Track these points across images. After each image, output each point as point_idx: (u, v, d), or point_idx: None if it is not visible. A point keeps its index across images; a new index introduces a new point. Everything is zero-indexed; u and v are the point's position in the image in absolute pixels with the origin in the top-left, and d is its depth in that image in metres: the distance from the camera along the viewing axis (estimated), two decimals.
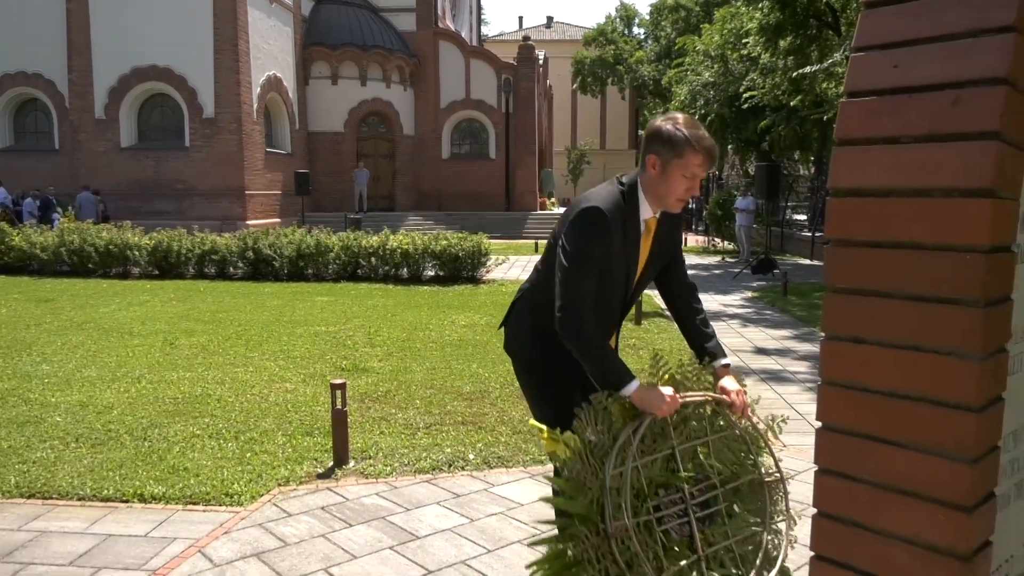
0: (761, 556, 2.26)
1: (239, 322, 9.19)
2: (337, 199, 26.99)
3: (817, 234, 18.72)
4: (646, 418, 2.18)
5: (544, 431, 2.28)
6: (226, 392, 5.97)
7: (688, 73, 20.83)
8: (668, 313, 2.65)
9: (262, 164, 23.93)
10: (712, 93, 19.57)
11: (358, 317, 9.62)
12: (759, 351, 7.98)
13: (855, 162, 1.26)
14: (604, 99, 45.23)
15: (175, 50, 22.27)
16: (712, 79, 19.49)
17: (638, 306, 9.49)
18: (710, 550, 2.20)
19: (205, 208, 22.31)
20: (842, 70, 12.43)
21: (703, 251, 21.55)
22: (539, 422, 2.67)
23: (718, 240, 22.11)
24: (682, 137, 2.26)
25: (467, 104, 29.39)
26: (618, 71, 39.34)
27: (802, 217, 22.09)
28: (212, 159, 22.53)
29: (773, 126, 17.65)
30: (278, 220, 23.58)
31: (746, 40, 16.75)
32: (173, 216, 21.44)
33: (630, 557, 2.08)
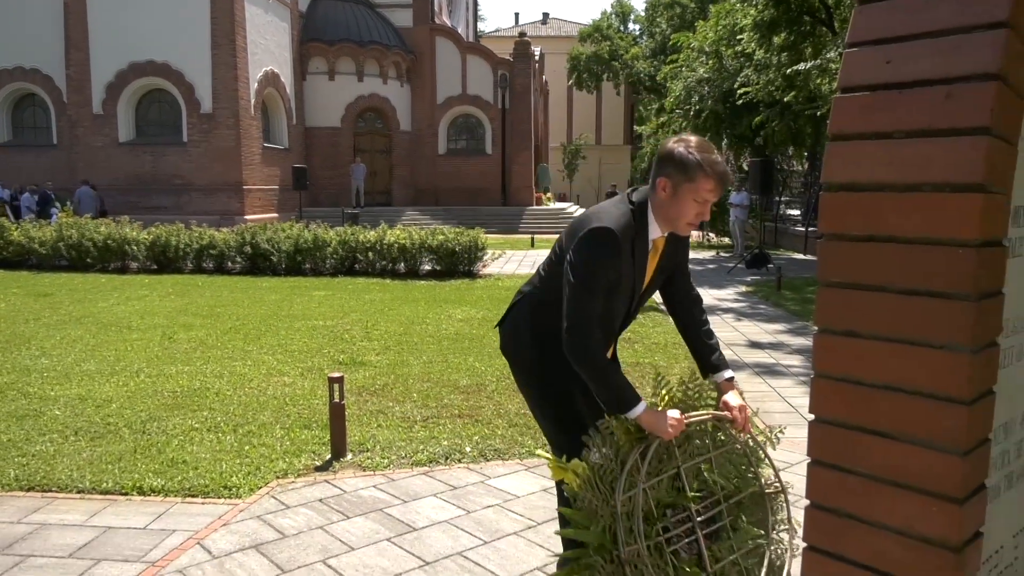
0: (765, 567, 2.27)
1: (237, 316, 9.18)
2: (334, 194, 26.95)
3: (811, 229, 18.75)
4: (653, 441, 2.16)
5: (552, 459, 2.24)
6: (224, 386, 5.96)
7: (683, 69, 20.81)
8: (664, 308, 2.62)
9: (259, 159, 23.87)
10: (707, 89, 19.56)
11: (355, 311, 9.61)
12: (753, 345, 7.99)
13: (848, 157, 1.26)
14: (600, 95, 45.14)
15: (172, 45, 22.20)
16: (707, 75, 19.47)
17: None
18: (717, 566, 2.20)
19: (203, 203, 22.26)
20: (836, 66, 12.43)
21: (698, 245, 21.56)
22: (540, 422, 2.66)
23: (712, 235, 22.13)
24: (694, 161, 2.21)
25: (463, 100, 29.34)
26: (613, 67, 39.25)
27: (796, 212, 22.12)
28: (210, 154, 22.47)
29: (767, 122, 17.65)
30: (276, 215, 23.54)
31: (740, 36, 16.73)
32: (171, 211, 21.40)
33: None
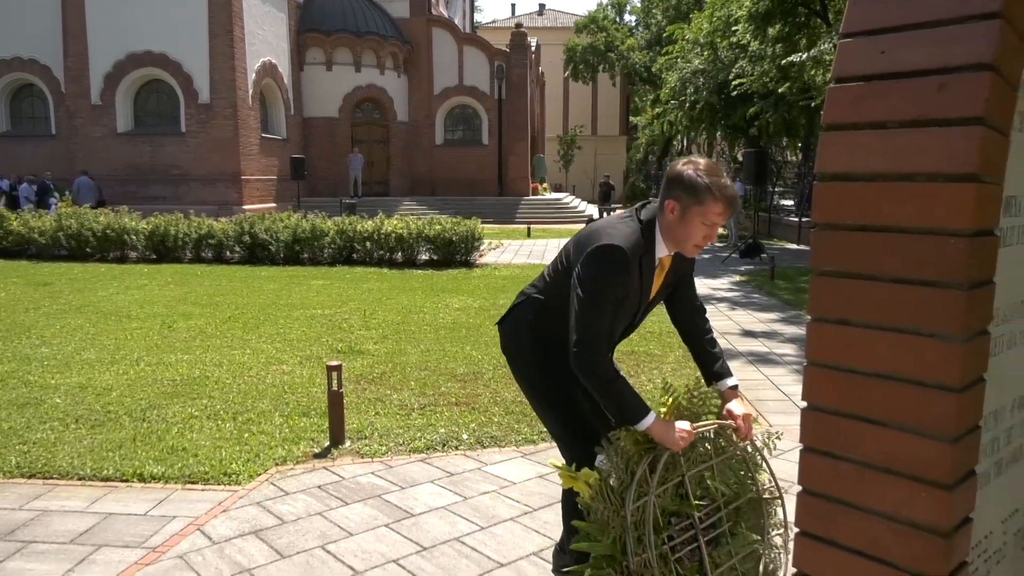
0: (761, 571, 2.28)
1: (236, 305, 9.16)
2: (332, 184, 26.86)
3: (804, 219, 18.76)
4: (663, 453, 2.15)
5: (562, 468, 2.23)
6: (224, 374, 5.96)
7: (678, 60, 20.75)
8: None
9: (257, 149, 23.77)
10: (701, 80, 19.52)
11: (353, 300, 9.60)
12: (747, 334, 8.01)
13: (842, 147, 1.26)
14: (595, 86, 44.98)
15: (170, 36, 22.03)
16: (702, 66, 19.42)
17: None
18: (716, 572, 2.21)
19: (201, 193, 22.17)
20: (830, 58, 12.40)
21: None
22: (543, 422, 2.66)
23: None
24: (703, 185, 2.19)
25: (460, 90, 29.22)
26: (609, 58, 39.12)
27: (789, 203, 22.12)
28: (208, 144, 22.36)
29: (761, 113, 17.63)
30: (274, 205, 23.48)
31: (735, 28, 16.68)
32: (169, 201, 21.32)
33: None
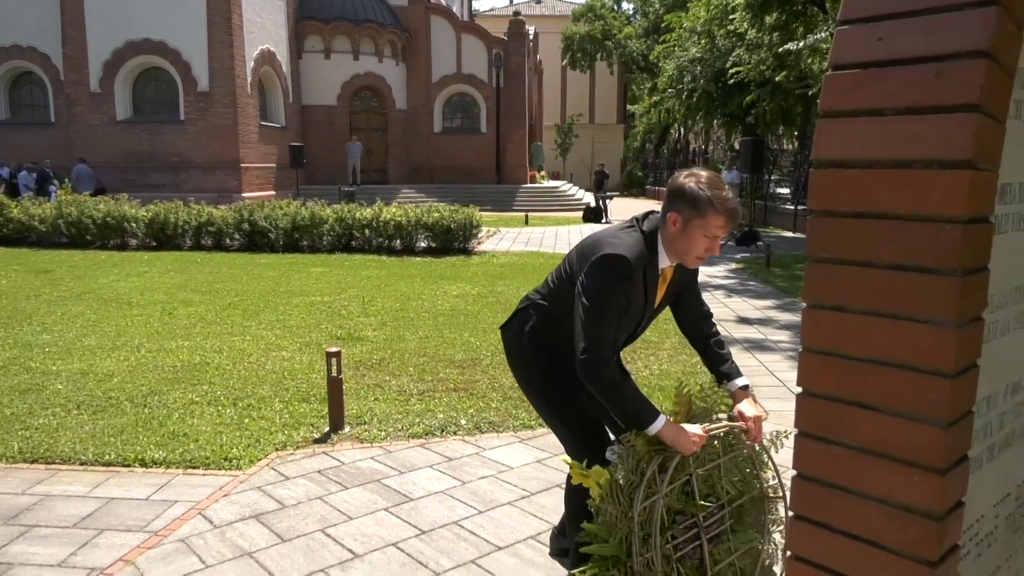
0: (759, 568, 2.29)
1: (236, 292, 9.15)
2: (331, 172, 26.78)
3: (800, 207, 18.75)
4: (674, 455, 2.15)
5: (575, 465, 2.23)
6: (224, 360, 5.96)
7: (675, 49, 20.66)
8: None
9: (256, 137, 23.67)
10: (699, 69, 19.45)
11: (352, 287, 9.60)
12: (742, 320, 8.02)
13: (838, 134, 1.25)
14: (593, 74, 44.79)
15: (169, 24, 21.89)
16: (699, 55, 19.35)
17: None
18: (716, 568, 2.21)
19: (201, 180, 22.10)
20: (827, 47, 12.36)
21: None
22: (548, 424, 2.65)
23: None
24: (705, 197, 2.19)
25: (458, 78, 29.09)
26: (607, 47, 38.93)
27: (785, 191, 22.09)
28: (207, 132, 22.27)
29: (758, 101, 17.58)
30: (273, 193, 23.41)
31: (732, 16, 16.61)
32: (169, 189, 21.25)
33: None
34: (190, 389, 5.20)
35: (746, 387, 2.41)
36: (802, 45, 13.54)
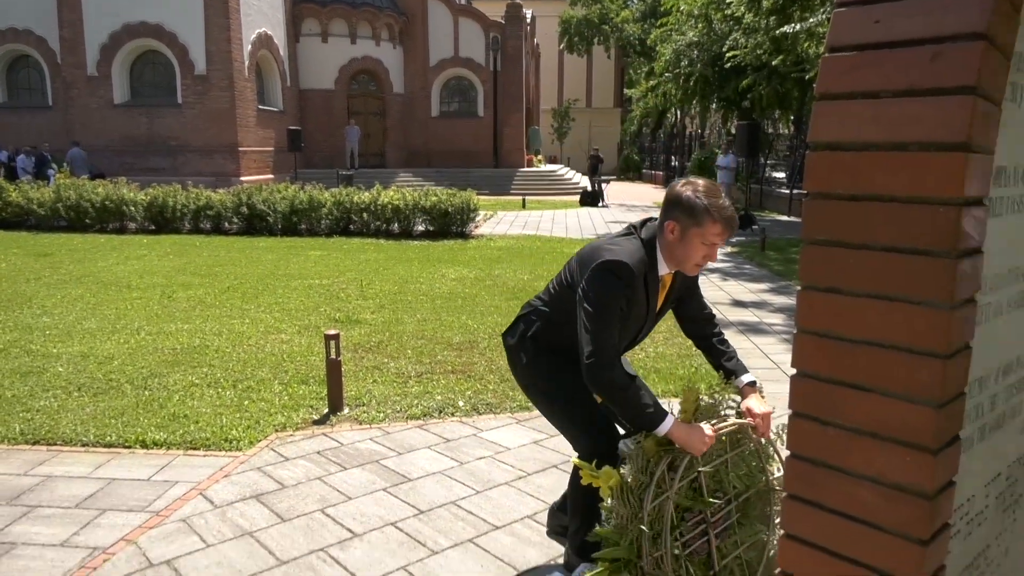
0: (765, 560, 2.29)
1: (235, 275, 9.14)
2: (329, 156, 26.66)
3: (795, 191, 18.72)
4: (683, 456, 2.14)
5: (585, 466, 2.22)
6: (223, 343, 5.96)
7: (672, 33, 20.53)
8: None
9: (254, 121, 23.53)
10: (696, 53, 19.34)
11: (351, 271, 9.58)
12: (737, 304, 8.03)
13: (835, 116, 1.25)
14: (590, 58, 44.49)
15: (165, 6, 21.68)
16: (696, 39, 19.23)
17: None
18: (723, 562, 2.22)
19: (199, 164, 21.99)
20: (823, 30, 12.28)
21: None
22: (554, 424, 2.64)
23: None
24: (702, 206, 2.20)
25: (456, 62, 28.90)
26: (604, 30, 38.64)
27: (781, 175, 22.05)
28: (205, 116, 22.13)
29: (754, 85, 17.50)
30: (271, 176, 23.31)
31: (729, 0, 16.48)
32: (167, 172, 21.15)
33: None
34: (190, 371, 5.20)
35: (753, 383, 2.40)
36: (798, 28, 13.43)
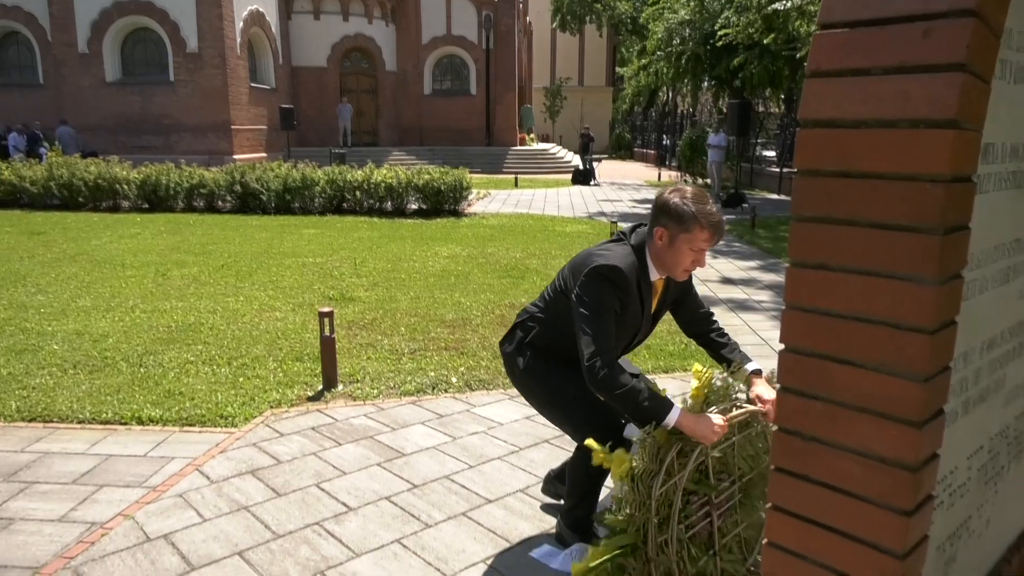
0: (762, 537, 2.31)
1: (229, 254, 9.09)
2: (322, 134, 26.44)
3: (785, 169, 18.70)
4: (693, 444, 2.12)
5: (599, 449, 2.21)
6: (218, 320, 5.95)
7: (664, 11, 20.35)
8: None
9: (247, 99, 23.28)
10: (688, 31, 19.18)
11: (344, 249, 9.55)
12: (726, 281, 8.05)
13: (825, 94, 1.24)
14: (582, 37, 44.12)
15: None
16: (688, 17, 19.07)
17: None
18: (723, 540, 2.23)
19: (192, 143, 21.78)
20: (815, 8, 12.20)
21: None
22: (559, 424, 2.65)
23: (689, 177, 22.01)
24: (690, 213, 2.23)
25: (448, 40, 28.60)
26: (596, 9, 38.27)
27: (771, 154, 22.00)
28: (197, 94, 21.87)
29: (746, 64, 17.40)
30: (264, 155, 23.11)
31: None
32: (160, 151, 20.95)
33: (664, 572, 2.11)
34: (185, 349, 5.19)
35: (759, 371, 2.41)
36: (790, 6, 13.36)
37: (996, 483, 1.65)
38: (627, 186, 21.23)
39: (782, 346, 1.36)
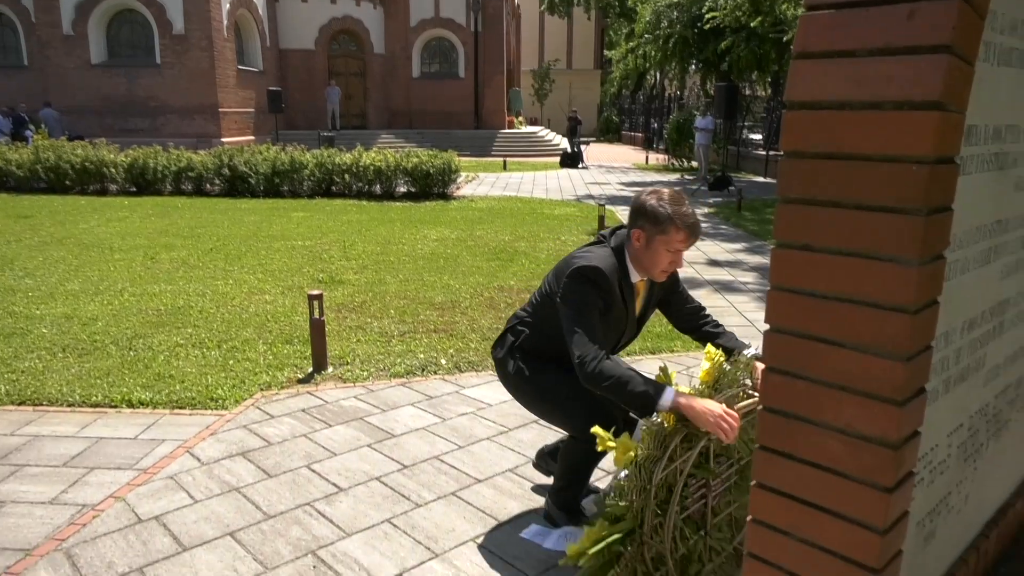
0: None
1: (218, 237, 9.03)
2: (310, 117, 26.21)
3: (772, 152, 18.72)
4: (702, 437, 2.11)
5: (604, 435, 2.18)
6: (207, 304, 5.91)
7: None
8: None
9: (234, 81, 23.00)
10: (675, 14, 19.10)
11: (333, 232, 9.50)
12: (712, 263, 8.07)
13: (811, 75, 1.23)
14: (571, 20, 43.82)
15: None
16: (676, 0, 18.97)
17: (601, 221, 9.49)
18: (715, 520, 2.23)
19: (180, 126, 21.53)
20: None
21: (664, 168, 21.49)
22: (555, 422, 2.64)
23: (676, 160, 21.99)
24: (665, 214, 2.26)
25: (436, 23, 28.31)
26: None
27: (758, 136, 22.00)
28: (184, 76, 21.58)
29: (733, 47, 17.36)
30: (252, 138, 22.89)
31: None
32: (147, 133, 20.71)
33: (655, 553, 2.11)
34: (174, 332, 5.16)
35: (759, 356, 2.39)
36: None
37: (975, 460, 1.67)
38: (615, 169, 21.20)
39: (767, 326, 1.37)
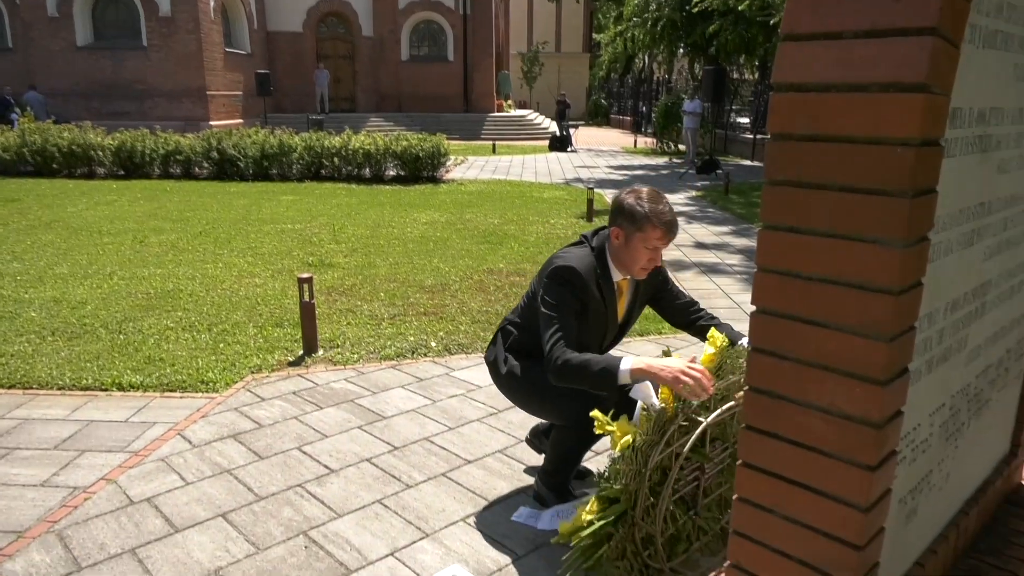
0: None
1: (207, 220, 8.95)
2: (298, 100, 25.95)
3: (759, 136, 18.72)
4: (696, 422, 2.11)
5: (600, 418, 2.19)
6: (197, 287, 5.87)
7: None
8: None
9: (222, 64, 22.72)
10: None
11: (323, 215, 9.44)
12: (699, 245, 8.09)
13: (798, 58, 1.23)
14: (559, 3, 43.48)
15: None
16: None
17: (589, 204, 9.48)
18: (705, 500, 2.24)
19: (167, 109, 21.28)
20: None
21: (652, 152, 21.46)
22: (545, 414, 2.65)
23: (663, 144, 21.95)
24: (642, 213, 2.30)
25: (425, 5, 28.00)
26: None
27: (745, 120, 21.98)
28: (171, 59, 21.30)
29: (721, 31, 17.29)
30: (241, 121, 22.66)
31: None
32: (135, 117, 20.45)
33: (645, 534, 2.12)
34: (164, 315, 5.12)
35: None
36: None
37: (956, 439, 1.68)
38: (603, 152, 21.15)
39: (753, 308, 1.37)
